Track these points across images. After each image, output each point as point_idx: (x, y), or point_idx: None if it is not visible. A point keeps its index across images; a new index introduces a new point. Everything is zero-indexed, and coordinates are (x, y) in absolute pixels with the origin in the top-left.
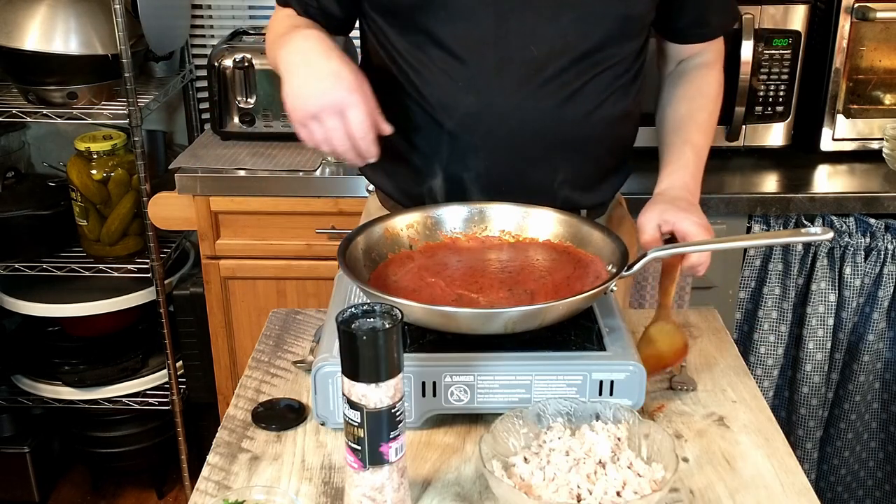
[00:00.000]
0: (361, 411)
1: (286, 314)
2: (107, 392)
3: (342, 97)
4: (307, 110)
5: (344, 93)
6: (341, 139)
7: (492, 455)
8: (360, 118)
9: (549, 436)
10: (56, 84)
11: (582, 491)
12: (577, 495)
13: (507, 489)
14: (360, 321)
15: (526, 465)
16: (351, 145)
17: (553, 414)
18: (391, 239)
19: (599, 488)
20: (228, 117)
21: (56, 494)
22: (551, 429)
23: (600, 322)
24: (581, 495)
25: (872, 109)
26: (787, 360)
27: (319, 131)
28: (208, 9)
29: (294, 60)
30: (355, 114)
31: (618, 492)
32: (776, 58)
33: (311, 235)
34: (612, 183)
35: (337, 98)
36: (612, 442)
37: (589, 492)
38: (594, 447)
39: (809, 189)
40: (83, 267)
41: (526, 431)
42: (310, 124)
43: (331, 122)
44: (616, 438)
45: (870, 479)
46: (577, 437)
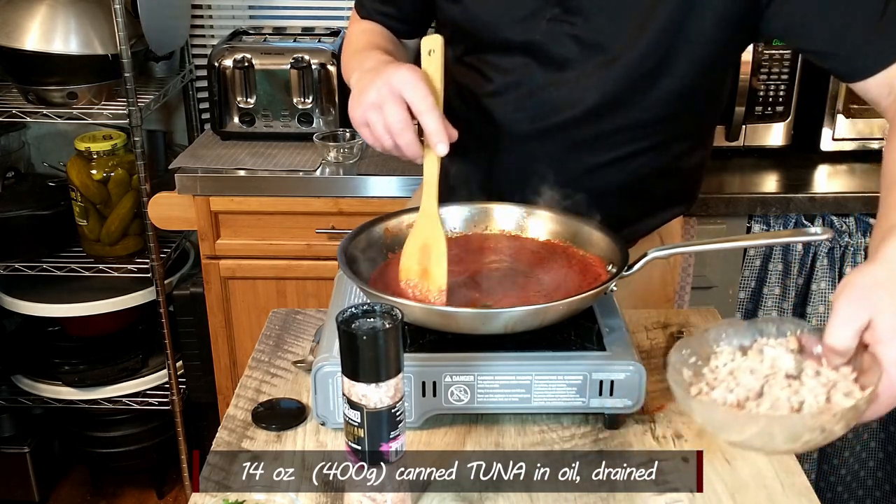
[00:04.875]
0: (361, 411)
1: (286, 314)
2: (107, 392)
3: (384, 91)
4: (361, 105)
5: (385, 85)
6: (382, 134)
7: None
8: (396, 111)
9: (720, 360)
10: (56, 84)
11: (793, 403)
12: (792, 407)
13: (727, 412)
14: (360, 321)
15: (716, 391)
16: (393, 142)
17: (714, 340)
18: (391, 239)
19: (810, 396)
20: (228, 117)
21: (56, 494)
22: (718, 354)
23: (600, 322)
24: (794, 407)
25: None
26: None
27: (367, 131)
28: (208, 9)
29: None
30: (391, 109)
31: (827, 397)
32: (776, 58)
33: (311, 235)
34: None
35: (381, 92)
36: (791, 354)
37: (800, 404)
38: (777, 362)
39: (809, 189)
40: (83, 267)
41: (694, 360)
42: (361, 128)
43: (374, 117)
44: (791, 350)
45: (870, 479)
46: (750, 357)
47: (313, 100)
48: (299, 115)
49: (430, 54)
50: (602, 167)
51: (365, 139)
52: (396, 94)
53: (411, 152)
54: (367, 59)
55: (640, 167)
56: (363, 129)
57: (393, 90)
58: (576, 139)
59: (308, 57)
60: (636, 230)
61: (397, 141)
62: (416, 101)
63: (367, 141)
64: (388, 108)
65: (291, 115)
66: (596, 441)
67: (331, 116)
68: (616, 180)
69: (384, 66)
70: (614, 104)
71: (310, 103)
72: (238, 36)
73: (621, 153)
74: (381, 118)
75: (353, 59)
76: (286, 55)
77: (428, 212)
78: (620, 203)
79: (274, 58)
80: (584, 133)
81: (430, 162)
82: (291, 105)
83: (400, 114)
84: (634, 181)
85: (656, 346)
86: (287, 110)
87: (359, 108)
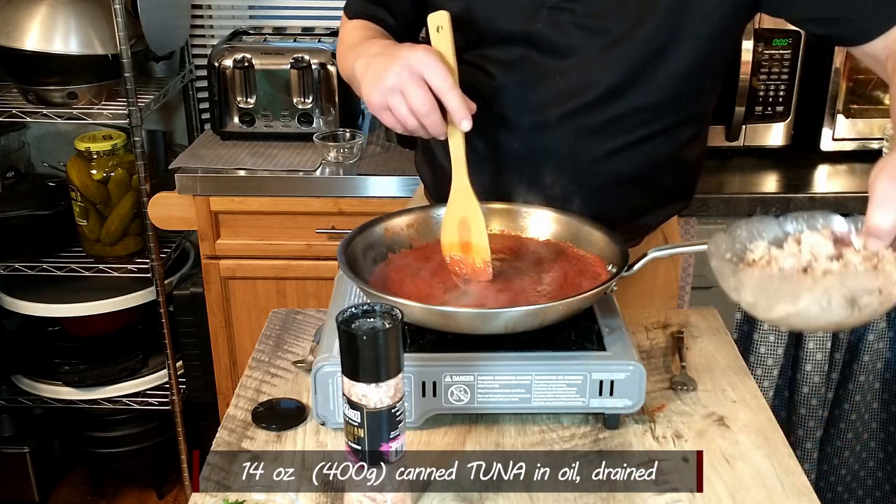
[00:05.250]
0: (361, 411)
1: (286, 314)
2: (107, 392)
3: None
4: (380, 90)
5: (405, 69)
6: (405, 116)
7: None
8: (419, 94)
9: (756, 255)
10: (56, 84)
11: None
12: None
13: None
14: (360, 321)
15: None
16: (418, 123)
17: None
18: (391, 239)
19: (860, 268)
20: (228, 117)
21: (56, 494)
22: (752, 250)
23: (600, 322)
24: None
25: (872, 109)
26: (787, 360)
27: (388, 115)
28: (208, 9)
29: (373, 52)
30: (413, 92)
31: (874, 265)
32: (776, 58)
33: (311, 235)
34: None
35: (401, 75)
36: (830, 241)
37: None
38: (816, 249)
39: (809, 189)
40: (83, 267)
41: (729, 256)
42: (382, 112)
43: (396, 101)
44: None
45: (870, 479)
46: (786, 248)
47: (313, 100)
48: (299, 115)
49: (439, 31)
50: (612, 155)
51: (385, 122)
52: (417, 75)
53: (437, 131)
54: (369, 46)
55: (649, 155)
56: (384, 114)
57: (413, 72)
58: (585, 127)
59: (308, 57)
60: (645, 224)
61: (423, 122)
62: (436, 81)
63: (388, 124)
64: (411, 90)
65: (291, 115)
66: (596, 441)
67: (331, 116)
68: (626, 169)
69: (395, 49)
70: (622, 88)
71: (310, 103)
72: (238, 36)
73: (630, 139)
74: (404, 101)
75: (352, 52)
76: (286, 55)
77: (461, 187)
78: (631, 193)
79: (274, 58)
80: (593, 120)
81: (456, 139)
82: (291, 105)
83: (424, 96)
84: (643, 170)
85: (656, 346)
86: (287, 110)
87: (377, 93)
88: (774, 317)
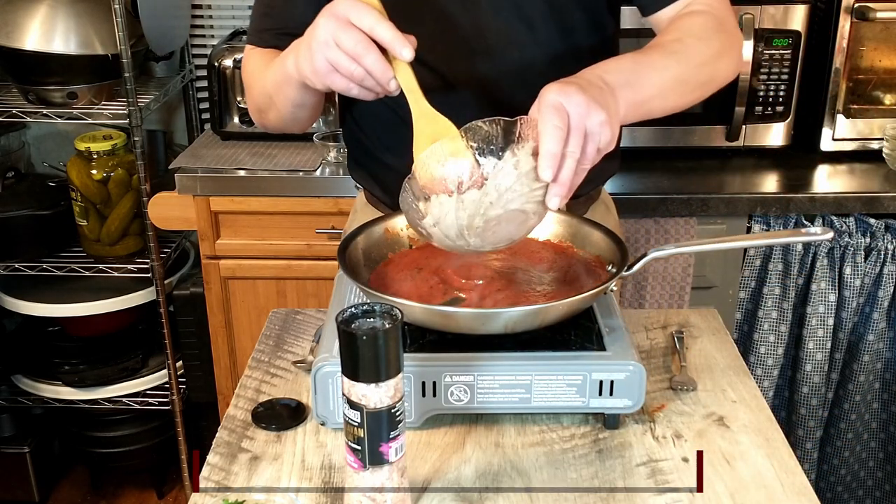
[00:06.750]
0: (361, 411)
1: (286, 314)
2: (107, 392)
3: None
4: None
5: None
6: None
7: None
8: (351, 36)
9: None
10: (56, 84)
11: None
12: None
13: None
14: (360, 321)
15: None
16: (361, 70)
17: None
18: (391, 239)
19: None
20: (228, 117)
21: (56, 494)
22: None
23: (600, 322)
24: None
25: (872, 109)
26: (787, 360)
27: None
28: (208, 9)
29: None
30: (345, 36)
31: None
32: (776, 58)
33: (311, 235)
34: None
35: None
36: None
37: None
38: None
39: (809, 189)
40: (83, 267)
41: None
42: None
43: (333, 54)
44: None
45: (870, 479)
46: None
47: None
48: None
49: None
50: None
51: (336, 87)
52: (343, 20)
53: (380, 71)
54: (289, 49)
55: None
56: (332, 77)
57: (339, 18)
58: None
59: None
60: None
61: (363, 63)
62: (363, 20)
63: (340, 88)
64: (342, 36)
65: None
66: (596, 441)
67: (331, 116)
68: None
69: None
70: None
71: None
72: (238, 36)
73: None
74: (340, 51)
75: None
76: None
77: (423, 111)
78: None
79: None
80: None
81: (403, 72)
82: None
83: (356, 35)
84: None
85: (656, 346)
86: None
87: (316, 55)
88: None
